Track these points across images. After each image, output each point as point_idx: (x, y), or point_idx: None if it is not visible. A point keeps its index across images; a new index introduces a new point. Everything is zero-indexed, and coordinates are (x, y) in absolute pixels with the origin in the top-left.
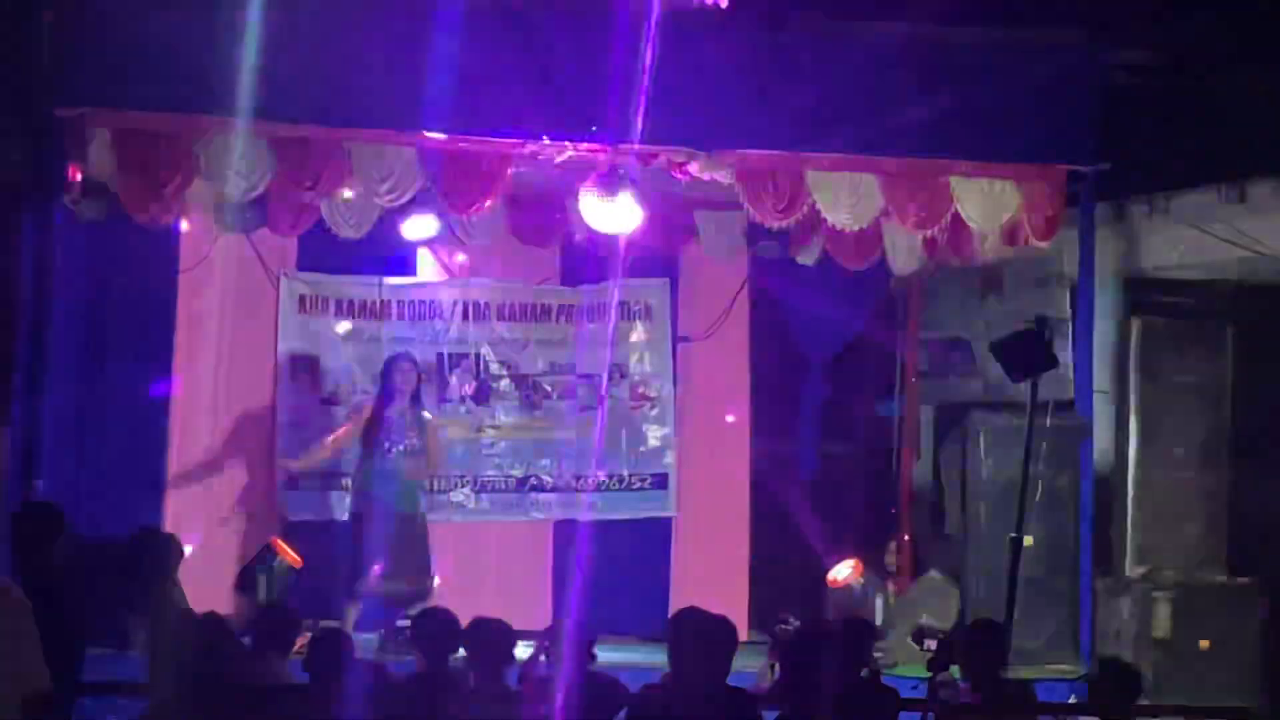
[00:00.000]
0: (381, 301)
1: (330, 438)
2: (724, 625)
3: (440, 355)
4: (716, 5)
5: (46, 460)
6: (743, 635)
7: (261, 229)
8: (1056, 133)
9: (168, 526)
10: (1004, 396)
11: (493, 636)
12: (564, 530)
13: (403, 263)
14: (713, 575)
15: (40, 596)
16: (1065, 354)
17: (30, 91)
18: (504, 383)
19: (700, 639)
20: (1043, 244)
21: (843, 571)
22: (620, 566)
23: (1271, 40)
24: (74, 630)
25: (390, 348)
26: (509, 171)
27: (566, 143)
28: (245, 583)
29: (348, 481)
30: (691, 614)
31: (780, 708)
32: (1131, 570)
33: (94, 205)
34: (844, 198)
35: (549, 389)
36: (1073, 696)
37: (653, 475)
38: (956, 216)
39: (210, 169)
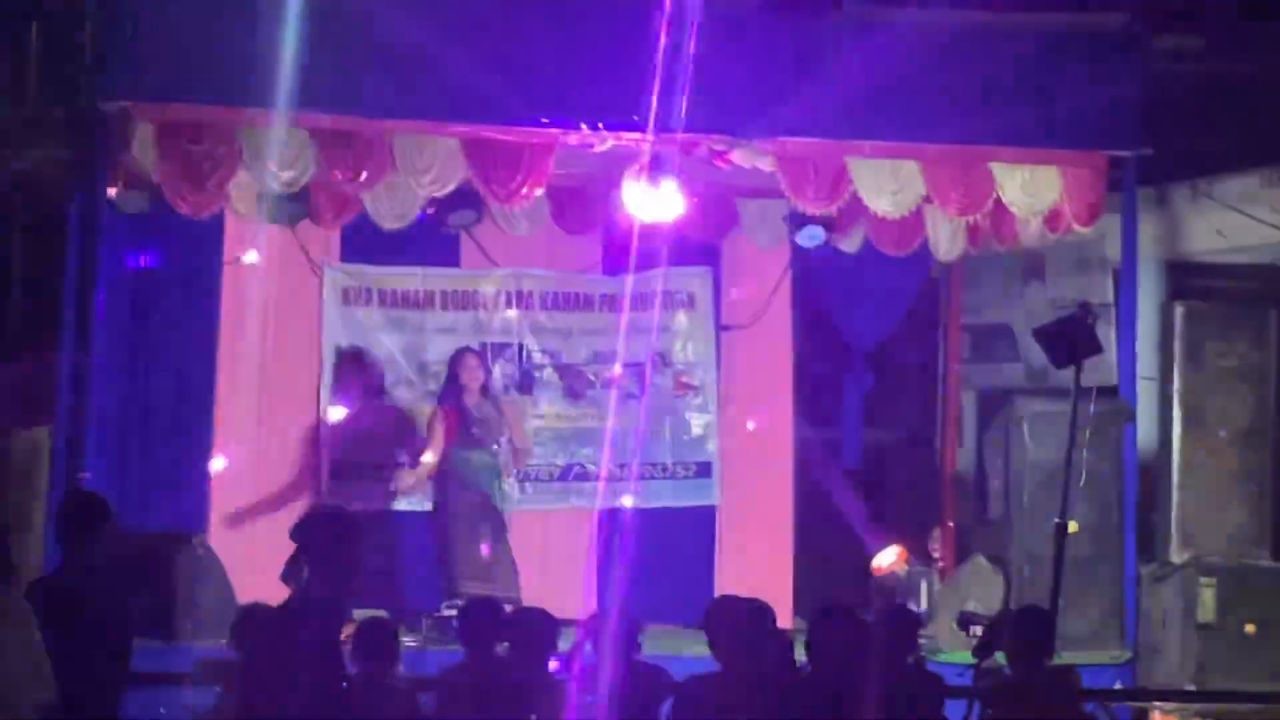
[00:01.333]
0: (425, 292)
1: (428, 455)
2: (758, 609)
3: (483, 345)
4: None
5: (92, 454)
6: (787, 622)
7: (304, 220)
8: (1098, 118)
9: (214, 517)
10: (1047, 382)
11: (536, 626)
12: (608, 519)
13: (445, 253)
14: (757, 563)
15: (86, 588)
16: (1108, 339)
17: (73, 85)
18: (547, 372)
19: (737, 626)
20: (1085, 229)
21: (887, 558)
22: (664, 555)
23: None
24: (121, 621)
25: (433, 339)
26: (551, 161)
27: (608, 132)
28: (291, 574)
29: (397, 472)
30: (725, 602)
31: (821, 695)
32: (1176, 555)
33: (137, 198)
34: (885, 185)
35: (592, 378)
36: (1118, 682)
37: (696, 464)
38: (998, 202)
39: (253, 161)
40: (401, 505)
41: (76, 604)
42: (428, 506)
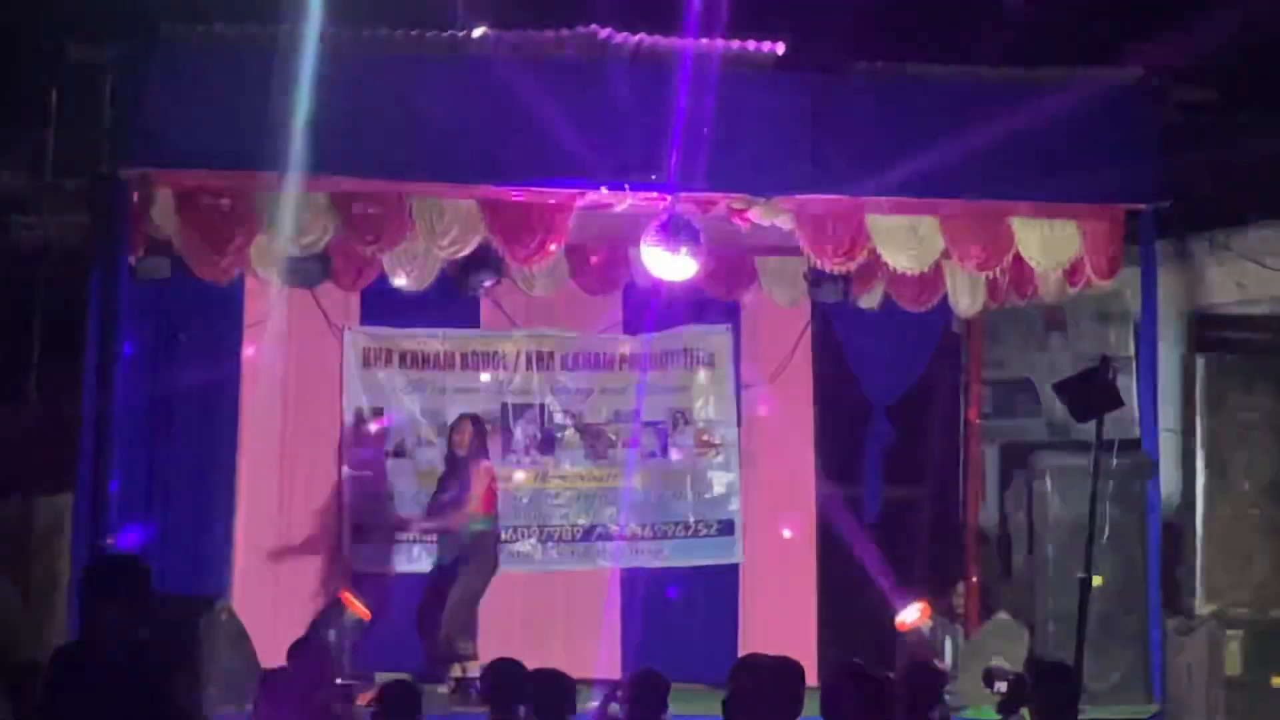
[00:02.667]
0: (445, 353)
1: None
2: (788, 666)
3: (504, 405)
4: (773, 52)
5: (115, 519)
6: (812, 680)
7: (324, 283)
8: (1116, 171)
9: (237, 580)
10: (1069, 436)
11: (556, 687)
12: (630, 579)
13: (465, 314)
14: (781, 621)
15: (109, 654)
16: (1130, 392)
17: (93, 152)
18: (568, 432)
19: (763, 685)
20: (1104, 283)
21: (911, 615)
22: (688, 614)
23: None
24: (151, 686)
25: (454, 399)
26: (569, 221)
27: (626, 191)
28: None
29: (412, 534)
30: (752, 660)
31: None
32: (1201, 608)
33: (158, 263)
34: (904, 241)
35: (613, 437)
36: None
37: (718, 522)
38: (1018, 257)
39: (272, 225)
40: (423, 566)
41: (101, 671)
42: None
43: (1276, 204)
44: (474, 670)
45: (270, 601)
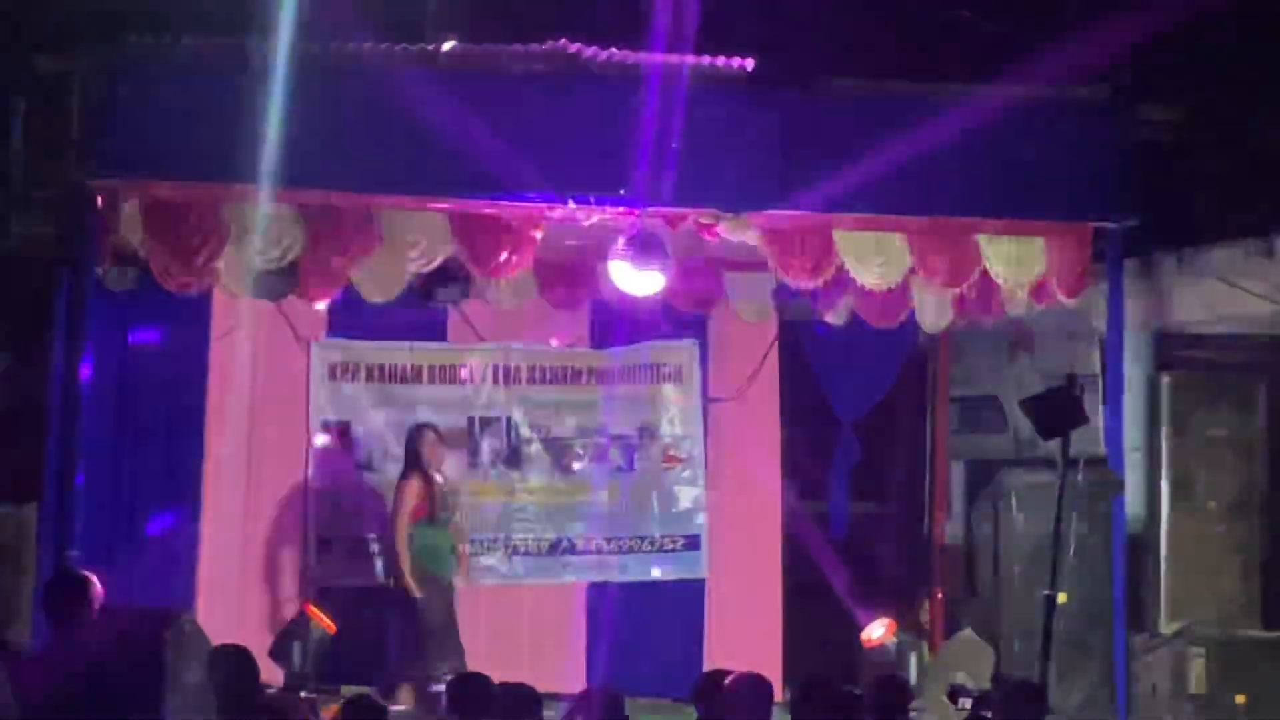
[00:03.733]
0: (412, 366)
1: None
2: (757, 682)
3: (471, 420)
4: (743, 68)
5: (79, 531)
6: (778, 696)
7: (292, 296)
8: (1084, 189)
9: (201, 593)
10: (1035, 453)
11: (522, 701)
12: (597, 593)
13: (432, 328)
14: (746, 636)
15: (74, 666)
16: (1095, 410)
17: (60, 163)
18: (535, 446)
19: (731, 700)
20: (1071, 301)
21: (876, 631)
22: (653, 629)
23: None
24: (112, 700)
25: (421, 413)
26: (537, 235)
27: (594, 206)
28: (280, 650)
29: (377, 547)
30: (717, 677)
31: None
32: (1166, 626)
33: (125, 275)
34: (872, 257)
35: (580, 452)
36: None
37: (684, 537)
38: (985, 274)
39: (240, 237)
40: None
41: (64, 682)
42: None
43: (1243, 223)
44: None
45: (235, 614)
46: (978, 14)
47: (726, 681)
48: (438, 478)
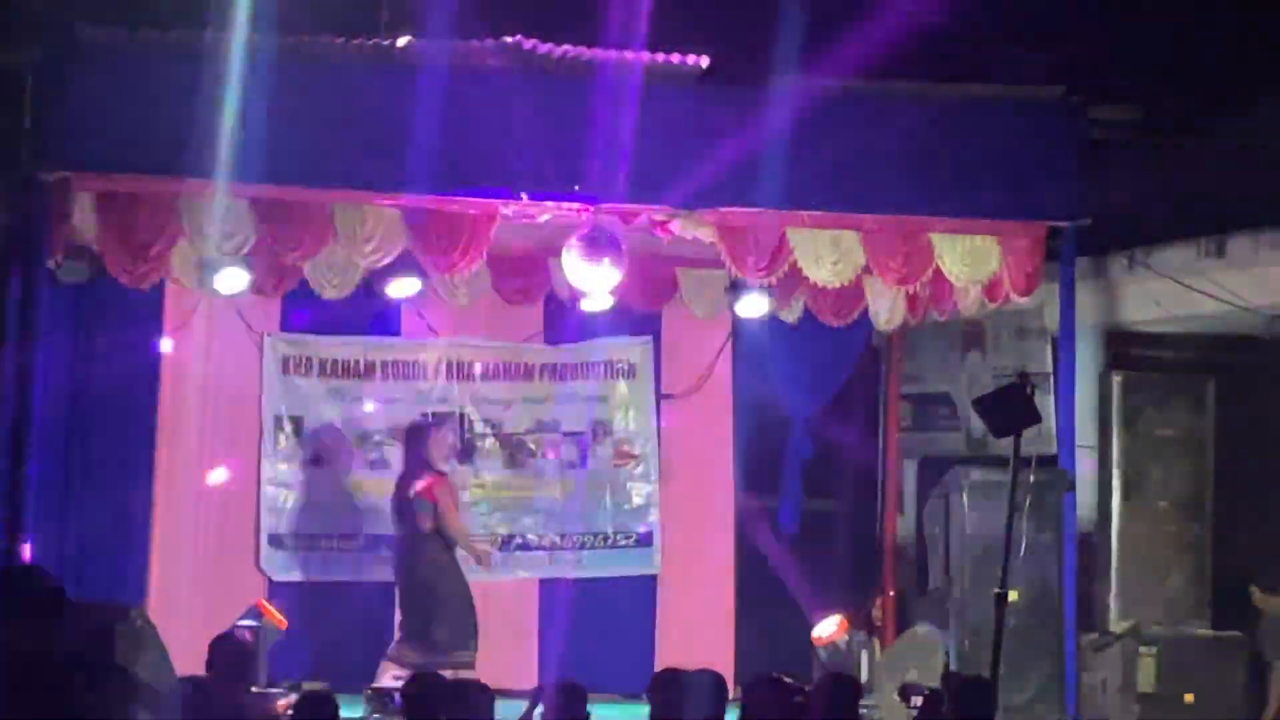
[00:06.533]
0: (366, 361)
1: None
2: (711, 679)
3: (424, 415)
4: (697, 65)
5: (31, 524)
6: (730, 693)
7: (245, 289)
8: (1037, 189)
9: (153, 587)
10: (987, 451)
11: (475, 698)
12: (549, 589)
13: (386, 323)
14: (698, 633)
15: (25, 662)
16: (1047, 408)
17: (12, 154)
18: (488, 441)
19: (684, 698)
20: (1024, 299)
21: (828, 628)
22: (605, 624)
23: (1248, 97)
24: (66, 699)
25: (374, 408)
26: (491, 231)
27: (548, 202)
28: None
29: (329, 542)
30: (673, 673)
31: None
32: (1116, 624)
33: (78, 267)
34: (825, 255)
35: (533, 447)
36: None
37: (637, 533)
38: (938, 272)
39: (193, 231)
40: (339, 575)
41: (17, 679)
42: (370, 578)
43: (1194, 223)
44: (387, 680)
45: (186, 609)
46: (935, 13)
47: (679, 677)
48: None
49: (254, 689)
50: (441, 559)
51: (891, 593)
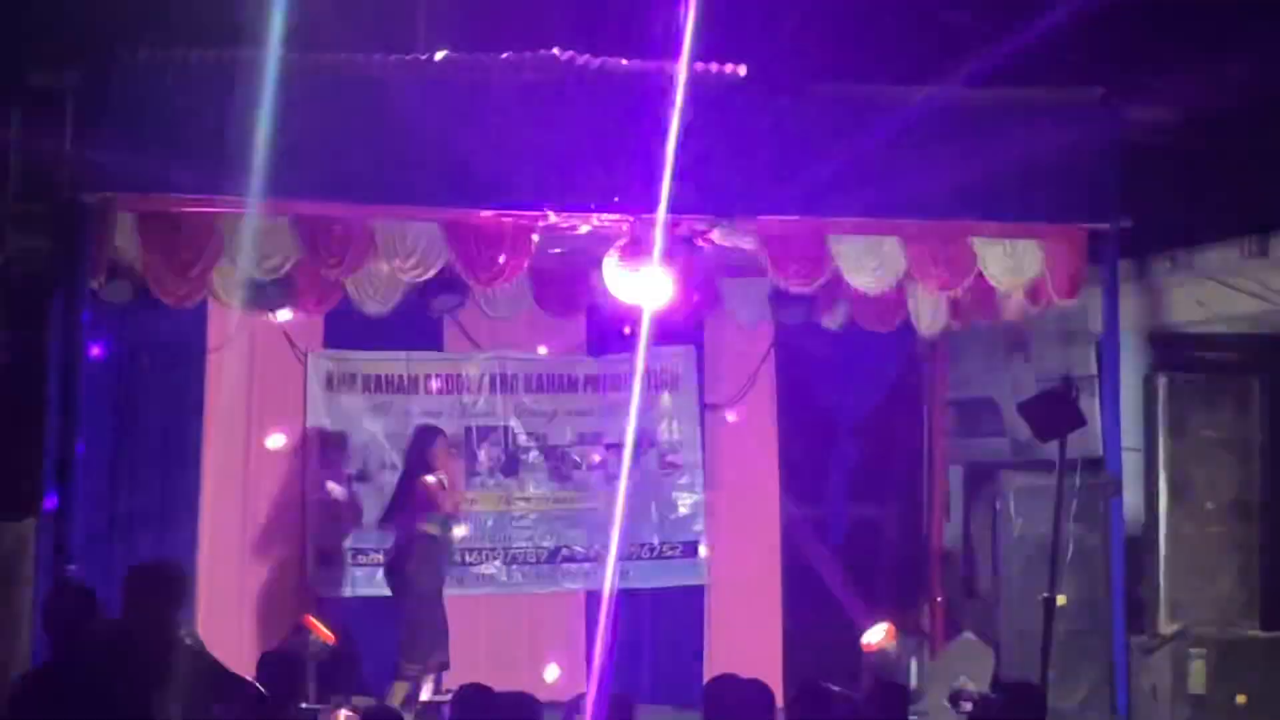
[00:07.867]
0: (409, 376)
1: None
2: (759, 689)
3: (468, 429)
4: (736, 73)
5: (78, 545)
6: (777, 702)
7: (287, 307)
8: (1078, 191)
9: (201, 607)
10: (1033, 455)
11: (522, 710)
12: (596, 601)
13: (429, 337)
14: (746, 642)
15: (74, 679)
16: (1092, 412)
17: (54, 176)
18: (533, 454)
19: (736, 706)
20: (1066, 302)
21: (876, 635)
22: (653, 635)
23: None
24: (109, 714)
25: (418, 422)
26: (532, 243)
27: (589, 213)
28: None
29: (379, 556)
30: (726, 681)
31: None
32: (1165, 627)
33: (121, 288)
34: (867, 261)
35: (577, 459)
36: None
37: (683, 543)
38: (980, 277)
39: (235, 250)
40: (386, 590)
41: (65, 696)
42: None
43: (1236, 223)
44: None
45: (234, 626)
46: (971, 15)
47: (733, 684)
48: (444, 479)
49: (304, 705)
50: (421, 572)
51: (939, 599)
